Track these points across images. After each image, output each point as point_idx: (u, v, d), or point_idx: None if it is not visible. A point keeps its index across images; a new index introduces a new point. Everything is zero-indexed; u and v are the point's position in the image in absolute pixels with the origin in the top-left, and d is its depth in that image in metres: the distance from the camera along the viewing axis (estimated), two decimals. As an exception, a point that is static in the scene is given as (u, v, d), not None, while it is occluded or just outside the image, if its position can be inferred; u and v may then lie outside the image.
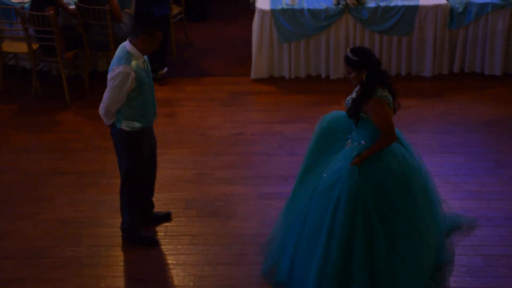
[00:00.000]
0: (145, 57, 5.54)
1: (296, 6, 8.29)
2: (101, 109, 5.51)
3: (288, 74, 8.57)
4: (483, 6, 8.15)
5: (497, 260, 5.78)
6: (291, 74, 8.57)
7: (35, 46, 8.17)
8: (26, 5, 8.17)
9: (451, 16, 8.26)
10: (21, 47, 8.32)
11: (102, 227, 6.23)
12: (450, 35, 8.38)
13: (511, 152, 7.15)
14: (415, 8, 8.21)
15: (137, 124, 5.58)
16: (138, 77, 5.37)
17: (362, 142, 5.15)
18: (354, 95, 5.19)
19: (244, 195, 6.62)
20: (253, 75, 8.57)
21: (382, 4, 8.22)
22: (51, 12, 7.79)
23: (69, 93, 8.18)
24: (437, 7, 8.22)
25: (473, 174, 6.83)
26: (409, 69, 8.56)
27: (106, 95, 5.43)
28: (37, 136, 7.69)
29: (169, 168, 7.03)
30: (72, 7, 8.16)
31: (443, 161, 7.04)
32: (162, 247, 6.03)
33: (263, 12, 8.33)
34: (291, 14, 8.28)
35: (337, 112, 5.56)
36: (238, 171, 7.00)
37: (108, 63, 8.45)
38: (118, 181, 5.92)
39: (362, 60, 5.02)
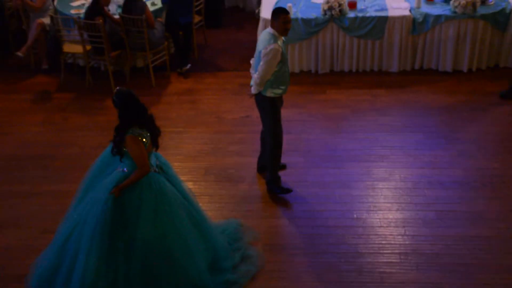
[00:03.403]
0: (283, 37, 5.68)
1: (292, 16, 8.28)
2: (257, 79, 5.67)
3: (285, 69, 8.54)
4: (438, 17, 8.13)
5: (446, 214, 5.87)
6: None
7: (88, 47, 8.21)
8: (81, 16, 8.19)
9: (413, 25, 8.23)
10: (77, 49, 8.34)
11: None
12: (412, 40, 8.35)
13: (458, 131, 7.17)
14: (385, 18, 8.18)
15: (279, 91, 5.76)
16: (282, 52, 5.58)
17: (125, 169, 4.71)
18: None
19: (251, 164, 6.64)
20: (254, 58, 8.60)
21: (360, 15, 8.21)
22: (100, 21, 7.84)
23: (114, 84, 8.16)
24: (402, 17, 8.19)
25: (429, 148, 6.86)
26: (380, 66, 8.53)
27: (261, 68, 5.59)
28: (90, 118, 7.74)
29: (191, 143, 7.08)
30: (117, 16, 8.18)
31: (406, 138, 7.05)
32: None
33: (265, 20, 8.28)
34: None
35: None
36: (246, 145, 7.02)
37: (144, 61, 8.57)
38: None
39: (117, 102, 4.63)
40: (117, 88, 4.81)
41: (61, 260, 4.84)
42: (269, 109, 5.86)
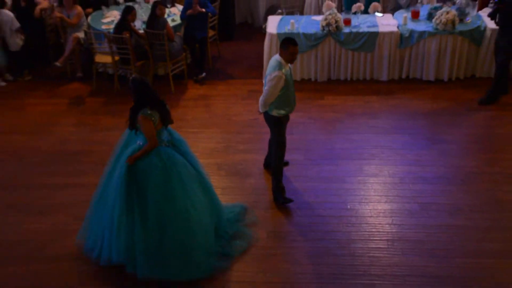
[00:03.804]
0: (290, 65, 5.54)
1: (294, 31, 8.28)
2: (261, 101, 5.58)
3: (289, 78, 8.53)
4: (422, 33, 8.09)
5: (429, 206, 5.87)
6: (290, 78, 8.54)
7: (116, 58, 8.23)
8: (111, 31, 8.22)
9: (401, 39, 8.21)
10: (107, 59, 8.36)
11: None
12: (400, 53, 8.32)
13: (440, 133, 7.14)
14: (376, 34, 8.16)
15: (283, 112, 5.61)
16: (286, 78, 5.43)
17: (140, 142, 4.91)
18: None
19: (257, 161, 6.65)
20: (264, 77, 8.57)
21: (354, 30, 8.19)
22: (127, 35, 7.89)
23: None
24: (391, 33, 8.17)
25: (414, 148, 6.83)
26: (371, 75, 8.50)
27: (265, 92, 5.48)
28: (118, 119, 7.68)
29: (205, 142, 7.07)
30: (141, 31, 8.20)
31: (394, 139, 7.03)
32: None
33: (271, 35, 8.32)
34: (290, 36, 8.23)
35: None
36: (253, 144, 7.02)
37: (165, 70, 8.59)
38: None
39: (132, 88, 4.84)
40: (133, 75, 5.03)
41: (94, 214, 5.15)
42: (274, 126, 5.74)
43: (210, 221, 5.16)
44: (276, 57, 5.51)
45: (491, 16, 7.52)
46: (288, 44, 5.40)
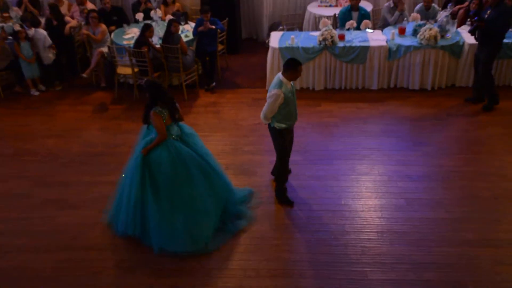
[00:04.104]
0: (292, 82, 5.34)
1: (294, 45, 8.30)
2: (262, 115, 5.39)
3: (289, 87, 8.54)
4: (408, 47, 8.12)
5: (414, 201, 5.86)
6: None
7: (136, 69, 8.24)
8: (131, 45, 8.23)
9: (389, 53, 8.23)
10: (128, 70, 8.38)
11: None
12: (388, 64, 8.33)
13: (423, 136, 7.14)
14: (367, 48, 8.18)
15: (283, 125, 5.43)
16: (285, 96, 5.22)
17: (153, 135, 5.13)
18: None
19: (261, 161, 6.65)
20: (267, 87, 8.49)
21: (347, 44, 8.20)
22: (145, 49, 7.91)
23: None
24: (380, 47, 8.19)
25: (401, 149, 6.84)
26: (363, 84, 8.51)
27: (265, 107, 5.32)
28: (137, 124, 7.38)
29: (215, 145, 7.04)
30: (158, 46, 8.21)
31: (383, 141, 7.03)
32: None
33: (273, 48, 8.34)
34: (291, 50, 8.27)
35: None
36: (258, 146, 7.02)
37: (179, 80, 8.60)
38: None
39: (146, 89, 5.09)
40: (146, 78, 5.19)
41: (118, 200, 5.40)
42: (276, 137, 5.57)
43: (216, 203, 5.36)
44: (279, 75, 5.31)
45: (471, 32, 7.53)
46: (297, 65, 5.19)
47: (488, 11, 7.26)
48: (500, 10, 7.13)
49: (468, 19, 8.15)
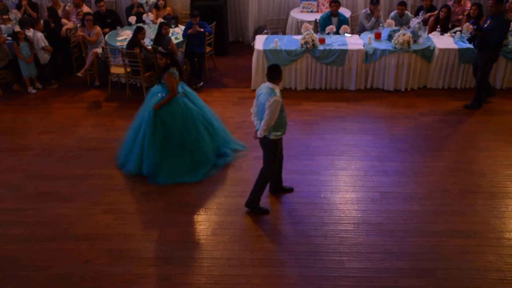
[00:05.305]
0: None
1: (278, 48, 8.21)
2: (263, 126, 5.02)
3: (273, 87, 8.45)
4: (383, 51, 8.07)
5: (387, 194, 5.85)
6: (274, 87, 8.45)
7: (128, 69, 8.12)
8: (124, 47, 8.10)
9: (366, 56, 8.18)
10: (120, 70, 8.24)
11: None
12: (365, 67, 8.28)
13: (397, 133, 7.11)
14: (346, 51, 8.12)
15: (279, 133, 5.17)
16: (281, 101, 5.01)
17: (163, 94, 5.91)
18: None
19: (246, 156, 6.58)
20: (252, 87, 8.51)
21: (327, 48, 8.14)
22: (137, 50, 7.76)
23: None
24: (358, 50, 8.13)
25: (377, 146, 6.82)
26: (342, 85, 8.46)
27: (267, 117, 4.95)
28: (129, 121, 7.42)
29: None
30: (149, 47, 8.08)
31: (361, 139, 6.99)
32: (204, 186, 5.98)
33: (258, 51, 8.26)
34: (274, 52, 8.20)
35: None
36: (243, 142, 6.86)
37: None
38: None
39: (167, 54, 5.89)
40: (160, 48, 6.46)
41: (131, 146, 6.18)
42: (269, 151, 5.26)
43: (213, 145, 6.23)
44: (267, 84, 5.03)
45: (470, 40, 7.57)
46: (280, 70, 4.99)
47: (488, 21, 7.29)
48: (499, 21, 7.15)
49: (471, 31, 7.99)
